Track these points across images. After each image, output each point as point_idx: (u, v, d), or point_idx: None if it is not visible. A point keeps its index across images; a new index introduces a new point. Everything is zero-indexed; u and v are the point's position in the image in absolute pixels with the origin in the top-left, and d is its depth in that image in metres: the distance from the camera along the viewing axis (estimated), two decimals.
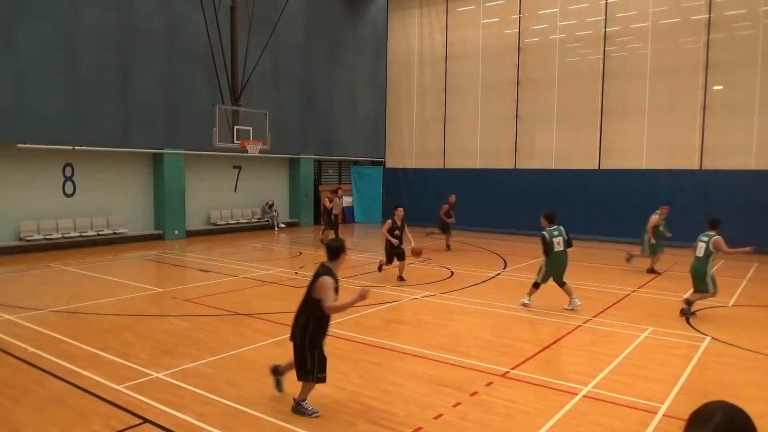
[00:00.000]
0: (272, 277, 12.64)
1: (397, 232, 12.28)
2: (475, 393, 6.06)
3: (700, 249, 9.56)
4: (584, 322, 9.05)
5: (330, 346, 7.64)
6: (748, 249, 9.53)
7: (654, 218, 13.50)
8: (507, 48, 21.65)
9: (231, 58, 17.52)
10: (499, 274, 13.40)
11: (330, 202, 18.09)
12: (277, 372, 6.03)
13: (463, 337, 8.25)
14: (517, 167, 21.60)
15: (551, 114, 20.75)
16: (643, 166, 18.86)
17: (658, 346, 7.89)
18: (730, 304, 10.61)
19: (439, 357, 7.27)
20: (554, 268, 9.87)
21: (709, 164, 17.81)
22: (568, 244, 9.90)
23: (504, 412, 5.62)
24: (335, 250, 5.69)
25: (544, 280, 9.98)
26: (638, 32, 19.03)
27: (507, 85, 21.66)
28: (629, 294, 11.27)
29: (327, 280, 5.41)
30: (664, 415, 5.60)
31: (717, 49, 17.56)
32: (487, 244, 18.42)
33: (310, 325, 5.46)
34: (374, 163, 26.76)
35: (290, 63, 22.85)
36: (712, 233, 9.50)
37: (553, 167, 20.68)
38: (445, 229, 17.43)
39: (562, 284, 9.94)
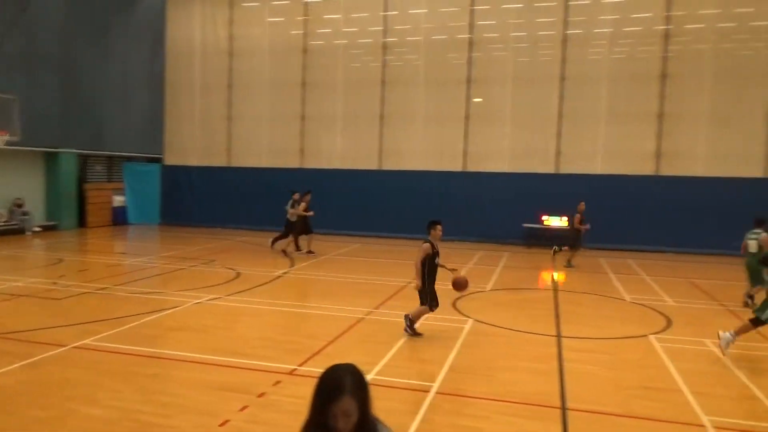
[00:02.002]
0: (23, 289, 10.87)
1: (438, 260, 8.44)
2: (262, 394, 5.95)
3: (753, 246, 10.51)
4: (367, 314, 9.52)
5: (98, 362, 6.87)
6: None
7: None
8: (293, 49, 21.81)
9: None
10: (286, 272, 13.42)
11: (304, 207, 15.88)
12: None
13: (250, 338, 8.06)
14: (303, 166, 21.90)
15: (336, 116, 21.47)
16: (418, 168, 20.58)
17: (430, 330, 8.64)
18: (488, 288, 12.12)
19: (225, 361, 6.99)
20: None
21: (471, 167, 20.15)
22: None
23: (293, 409, 5.61)
24: None
25: None
26: (413, 45, 20.71)
27: (294, 85, 21.82)
28: (406, 285, 12.17)
29: None
30: (436, 392, 6.14)
31: (477, 66, 19.96)
32: None
33: None
34: (151, 160, 24.74)
35: (47, 44, 19.92)
36: (759, 231, 10.48)
37: (337, 167, 21.42)
38: (577, 242, 14.99)
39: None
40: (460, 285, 8.37)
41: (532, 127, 19.59)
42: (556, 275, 14.37)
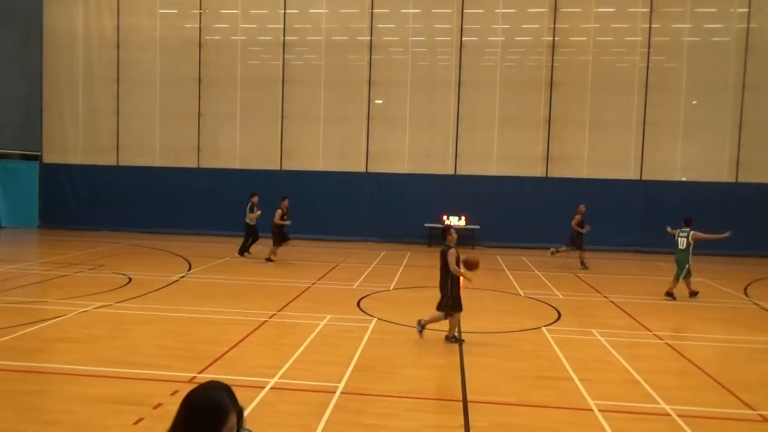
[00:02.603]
0: None
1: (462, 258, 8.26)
2: (159, 405, 5.63)
3: (682, 243, 11.64)
4: (270, 317, 9.32)
5: None
6: (726, 234, 11.80)
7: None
8: (188, 43, 20.89)
9: None
10: (183, 276, 12.82)
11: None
12: None
13: (144, 347, 7.60)
14: (200, 166, 21.05)
15: (235, 114, 20.84)
16: (320, 168, 20.45)
17: (335, 331, 8.63)
18: (391, 288, 12.29)
19: (116, 373, 6.54)
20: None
21: (373, 167, 20.35)
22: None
23: None
24: None
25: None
26: (313, 44, 20.56)
27: (188, 81, 20.91)
28: (310, 286, 12.06)
29: None
30: (341, 392, 6.13)
31: (378, 68, 20.18)
32: (168, 246, 17.44)
33: None
34: (27, 157, 22.62)
35: None
36: (687, 229, 11.69)
37: (237, 167, 20.79)
38: (579, 243, 15.53)
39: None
40: (473, 264, 8.16)
41: (431, 129, 20.15)
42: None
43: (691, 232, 11.71)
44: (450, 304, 8.16)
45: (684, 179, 19.41)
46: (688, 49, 19.22)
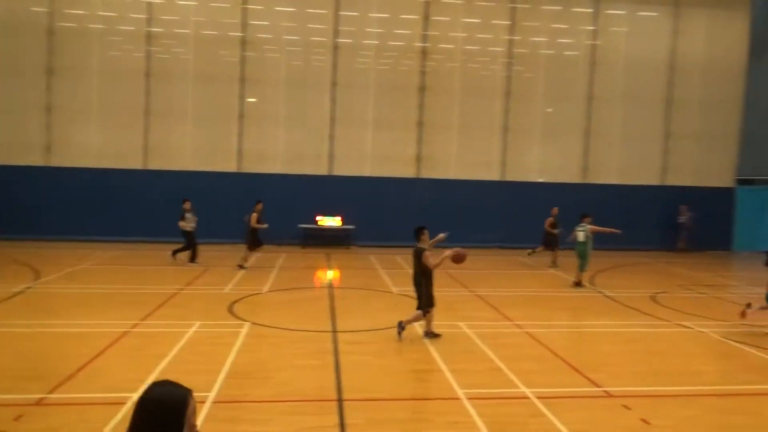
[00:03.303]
0: None
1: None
2: None
3: (581, 236, 12.84)
4: (132, 327, 8.67)
5: None
6: (617, 231, 13.10)
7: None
8: (35, 28, 18.81)
9: None
10: (29, 287, 11.53)
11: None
12: None
13: None
14: (50, 164, 19.07)
15: (91, 108, 19.15)
16: (188, 168, 19.40)
17: (205, 338, 8.25)
18: (264, 290, 12.01)
19: None
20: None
21: (246, 167, 19.75)
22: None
23: None
24: None
25: None
26: (181, 37, 19.50)
27: (36, 71, 18.82)
28: (177, 292, 11.42)
29: None
30: (213, 401, 5.86)
31: (250, 66, 19.64)
32: (10, 254, 15.53)
33: None
34: None
35: None
36: (584, 224, 12.90)
37: (93, 166, 19.10)
38: (553, 244, 16.19)
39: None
40: (460, 258, 8.56)
41: (305, 129, 19.99)
42: (330, 273, 14.90)
43: (588, 226, 13.14)
44: (426, 301, 8.54)
45: (541, 180, 21.06)
46: (544, 60, 20.89)
